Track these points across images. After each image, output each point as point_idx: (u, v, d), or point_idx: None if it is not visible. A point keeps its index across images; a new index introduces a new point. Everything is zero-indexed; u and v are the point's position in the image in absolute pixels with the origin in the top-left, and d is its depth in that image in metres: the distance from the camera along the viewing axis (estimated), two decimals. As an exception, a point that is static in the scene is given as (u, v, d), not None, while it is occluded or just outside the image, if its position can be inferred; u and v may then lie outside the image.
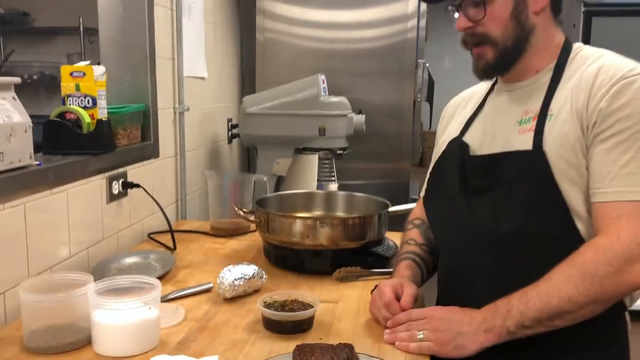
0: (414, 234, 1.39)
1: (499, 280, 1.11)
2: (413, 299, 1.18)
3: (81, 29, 3.89)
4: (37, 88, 4.14)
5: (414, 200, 2.71)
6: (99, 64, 1.61)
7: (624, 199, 0.97)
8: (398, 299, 1.16)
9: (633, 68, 1.02)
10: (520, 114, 1.13)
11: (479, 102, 1.27)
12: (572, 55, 1.12)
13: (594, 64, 1.07)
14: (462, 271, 1.19)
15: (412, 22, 2.54)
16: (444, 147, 1.28)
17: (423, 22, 2.60)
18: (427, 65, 2.62)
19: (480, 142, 1.20)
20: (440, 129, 1.39)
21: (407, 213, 1.77)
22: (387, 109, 2.60)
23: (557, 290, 0.97)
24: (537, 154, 1.06)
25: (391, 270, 1.43)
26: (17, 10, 4.15)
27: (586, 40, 3.33)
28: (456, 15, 1.14)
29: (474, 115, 1.26)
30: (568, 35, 1.17)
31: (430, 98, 2.72)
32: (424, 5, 2.67)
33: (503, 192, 1.09)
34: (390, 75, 2.58)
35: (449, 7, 1.16)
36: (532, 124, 1.09)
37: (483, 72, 1.15)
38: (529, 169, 1.06)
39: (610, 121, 1.00)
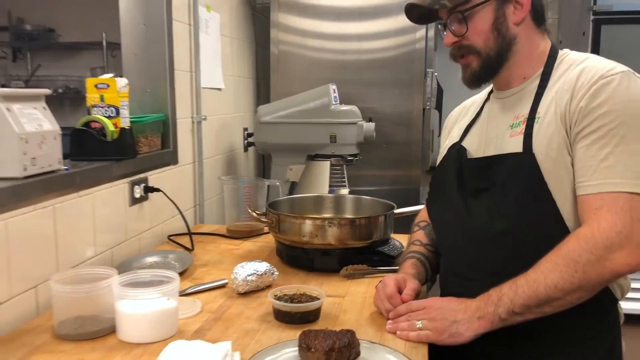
0: (419, 235, 1.47)
1: (493, 276, 1.17)
2: (414, 293, 1.25)
3: (104, 44, 4.05)
4: (62, 101, 4.30)
5: (422, 205, 2.79)
6: (121, 76, 1.72)
7: (604, 190, 1.04)
8: (401, 292, 1.24)
9: (612, 68, 1.09)
10: (512, 119, 1.21)
11: (477, 109, 1.36)
12: (558, 61, 1.20)
13: (578, 67, 1.14)
14: (460, 268, 1.27)
15: (421, 33, 2.62)
16: (445, 153, 1.37)
17: (431, 33, 2.68)
18: (436, 74, 2.70)
19: (477, 147, 1.28)
20: (443, 136, 1.47)
21: (413, 215, 1.85)
22: (397, 117, 2.68)
23: (543, 278, 1.04)
24: (526, 155, 1.13)
25: (396, 268, 1.51)
26: (43, 27, 4.33)
27: (596, 48, 3.38)
28: (444, 33, 1.23)
29: (472, 122, 1.34)
30: (578, 44, 1.26)
31: (439, 106, 2.79)
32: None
33: (497, 193, 1.17)
34: (399, 85, 2.67)
35: (439, 26, 1.25)
36: (522, 127, 1.16)
37: (470, 80, 1.23)
38: (519, 170, 1.14)
39: (589, 119, 1.07)
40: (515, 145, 1.16)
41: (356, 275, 1.49)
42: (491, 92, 1.34)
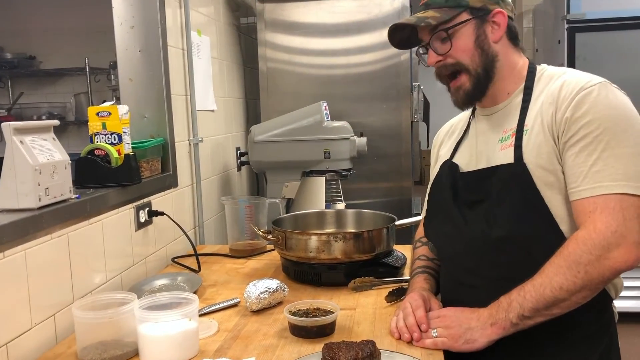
0: (424, 250, 1.51)
1: (495, 281, 1.23)
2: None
3: (87, 69, 4.05)
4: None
5: (417, 215, 2.84)
6: (104, 101, 1.74)
7: (596, 193, 1.10)
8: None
9: (590, 80, 1.17)
10: (501, 133, 1.28)
11: (464, 127, 1.42)
12: (537, 76, 1.27)
13: (558, 81, 1.21)
14: (463, 276, 1.31)
15: (405, 48, 2.69)
16: (437, 169, 1.43)
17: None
18: (422, 87, 2.77)
19: (467, 161, 1.34)
20: (433, 154, 1.53)
21: (412, 226, 1.90)
22: (386, 131, 2.75)
23: (549, 281, 1.10)
24: (518, 165, 1.20)
25: (402, 278, 1.56)
26: (24, 55, 4.32)
27: (571, 55, 3.49)
28: (425, 56, 1.28)
29: (461, 140, 1.40)
30: (554, 52, 1.33)
31: (426, 118, 2.86)
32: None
33: (492, 203, 1.23)
34: (387, 99, 2.73)
35: (419, 51, 1.31)
36: (512, 140, 1.23)
37: (464, 101, 1.29)
38: (512, 180, 1.20)
39: (575, 128, 1.14)
40: (505, 157, 1.23)
41: (363, 288, 1.53)
42: (474, 110, 1.40)
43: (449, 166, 1.36)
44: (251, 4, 2.89)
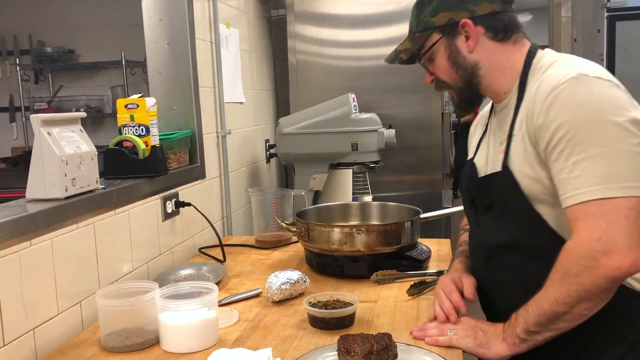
0: (465, 236, 1.49)
1: (501, 284, 1.23)
2: (474, 288, 1.29)
3: (123, 62, 4.14)
4: (83, 120, 4.36)
5: (446, 208, 2.81)
6: (141, 93, 1.78)
7: (577, 201, 1.03)
8: (460, 290, 1.28)
9: (564, 76, 1.07)
10: (501, 135, 1.23)
11: (485, 122, 1.38)
12: (532, 67, 1.18)
13: (540, 78, 1.13)
14: (477, 275, 1.32)
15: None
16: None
17: (447, 38, 2.71)
18: (453, 78, 2.73)
19: (482, 163, 1.30)
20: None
21: (438, 219, 1.87)
22: (416, 123, 2.71)
23: (546, 295, 1.07)
24: (506, 174, 1.16)
25: (425, 272, 1.54)
26: (63, 49, 4.44)
27: (611, 45, 3.38)
28: None
29: (482, 137, 1.37)
30: (593, 41, 1.26)
31: (457, 109, 2.82)
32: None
33: (497, 210, 1.21)
34: (417, 90, 2.70)
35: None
36: (504, 145, 1.19)
37: (458, 108, 1.33)
38: (505, 189, 1.17)
39: (548, 134, 1.06)
40: (499, 163, 1.20)
41: (386, 281, 1.52)
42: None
43: (470, 168, 1.33)
44: (281, -4, 2.89)
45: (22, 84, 4.46)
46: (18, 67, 4.40)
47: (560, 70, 1.10)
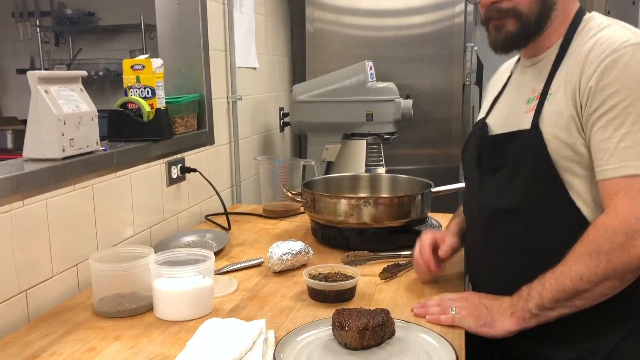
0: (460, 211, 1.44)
1: (499, 254, 1.16)
2: (451, 249, 1.27)
3: (142, 26, 4.09)
4: (102, 84, 4.38)
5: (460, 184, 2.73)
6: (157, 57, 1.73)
7: (621, 174, 0.96)
8: (437, 249, 1.27)
9: (625, 40, 1.00)
10: (529, 93, 1.14)
11: (505, 81, 1.29)
12: (581, 26, 1.10)
13: (593, 38, 1.05)
14: (475, 243, 1.26)
15: (460, 7, 2.54)
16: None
17: (471, 7, 2.60)
18: (476, 48, 2.62)
19: (497, 123, 1.22)
20: (482, 105, 1.41)
21: (452, 193, 1.81)
22: (436, 94, 2.63)
23: (568, 270, 0.99)
24: (534, 133, 1.07)
25: (398, 253, 1.47)
26: (83, 11, 4.40)
27: (646, 18, 3.23)
28: None
29: (499, 95, 1.28)
30: (628, 13, 1.15)
31: (479, 81, 2.71)
32: (471, -11, 2.67)
33: (508, 171, 1.12)
34: (438, 60, 2.60)
35: None
36: (535, 103, 1.10)
37: (502, 43, 1.14)
38: (527, 149, 1.08)
39: (600, 99, 0.99)
40: (527, 122, 1.10)
41: (357, 262, 1.43)
42: (518, 60, 1.27)
43: (480, 127, 1.25)
44: (301, -41, 2.79)
45: (42, 46, 4.45)
46: (38, 29, 4.38)
47: (621, 33, 1.02)
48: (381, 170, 2.31)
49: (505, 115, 1.21)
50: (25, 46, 4.58)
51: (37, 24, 4.37)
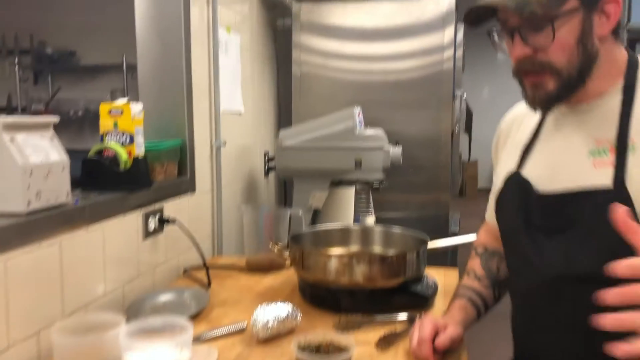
0: (476, 264, 1.31)
1: (578, 327, 0.96)
2: (450, 341, 1.12)
3: (124, 65, 4.01)
4: (82, 124, 4.27)
5: (454, 234, 2.65)
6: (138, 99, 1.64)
7: None
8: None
9: None
10: (592, 143, 1.02)
11: (536, 126, 1.16)
12: None
13: None
14: (538, 320, 1.08)
15: (449, 53, 2.51)
16: (501, 178, 1.17)
17: (460, 52, 2.57)
18: (465, 95, 2.58)
19: (542, 176, 1.08)
20: (494, 154, 1.28)
21: (447, 250, 1.71)
22: (424, 141, 2.57)
23: None
24: (619, 193, 0.94)
25: (396, 315, 1.36)
26: (64, 50, 4.32)
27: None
28: (496, 37, 1.04)
29: (531, 143, 1.14)
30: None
31: (468, 129, 2.67)
32: (460, 36, 2.64)
33: (578, 234, 0.99)
34: (427, 107, 2.55)
35: (493, 35, 1.05)
36: (611, 157, 0.98)
37: (542, 103, 1.03)
38: (605, 209, 0.90)
39: None
40: (601, 178, 0.97)
41: (350, 327, 1.30)
42: None
43: (518, 182, 1.10)
44: (288, 4, 2.75)
45: (20, 84, 4.34)
46: (17, 67, 4.28)
47: None
48: (371, 218, 2.22)
49: (552, 168, 1.07)
50: (3, 84, 4.47)
51: (16, 61, 4.27)
